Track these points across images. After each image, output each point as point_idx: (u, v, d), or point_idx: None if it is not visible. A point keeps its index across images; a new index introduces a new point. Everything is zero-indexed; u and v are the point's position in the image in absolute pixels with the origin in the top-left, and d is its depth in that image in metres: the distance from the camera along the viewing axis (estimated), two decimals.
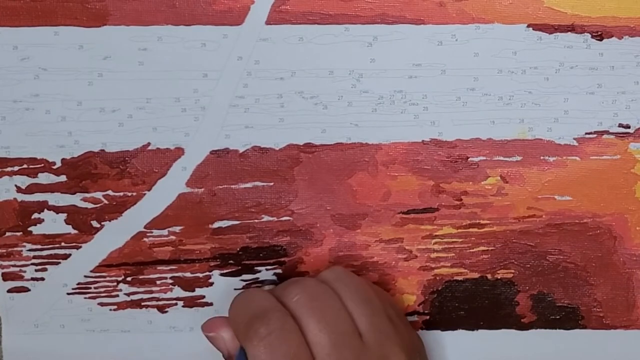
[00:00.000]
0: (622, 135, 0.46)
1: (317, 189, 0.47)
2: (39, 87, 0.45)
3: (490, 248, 0.48)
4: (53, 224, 0.46)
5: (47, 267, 0.47)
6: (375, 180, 0.47)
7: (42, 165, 0.46)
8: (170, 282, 0.48)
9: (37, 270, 0.47)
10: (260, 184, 0.47)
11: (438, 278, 0.48)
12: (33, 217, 0.46)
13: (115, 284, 0.47)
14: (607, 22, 0.45)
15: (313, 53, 0.45)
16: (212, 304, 0.48)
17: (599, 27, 0.45)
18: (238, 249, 0.47)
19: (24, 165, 0.46)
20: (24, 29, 0.44)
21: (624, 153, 0.47)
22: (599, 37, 0.45)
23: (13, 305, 0.47)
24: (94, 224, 0.47)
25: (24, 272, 0.47)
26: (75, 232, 0.47)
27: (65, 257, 0.47)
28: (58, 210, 0.46)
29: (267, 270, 0.48)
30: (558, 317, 0.49)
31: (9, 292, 0.47)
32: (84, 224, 0.46)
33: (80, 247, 0.47)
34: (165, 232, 0.47)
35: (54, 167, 0.46)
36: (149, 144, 0.46)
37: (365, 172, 0.47)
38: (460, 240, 0.48)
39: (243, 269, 0.48)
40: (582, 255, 0.48)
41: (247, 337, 0.41)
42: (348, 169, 0.47)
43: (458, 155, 0.47)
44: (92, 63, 0.45)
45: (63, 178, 0.46)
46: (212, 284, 0.48)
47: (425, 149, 0.46)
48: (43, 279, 0.47)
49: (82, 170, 0.46)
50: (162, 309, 0.48)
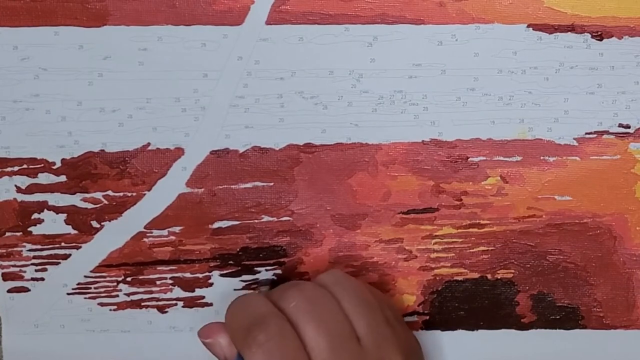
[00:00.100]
0: (622, 135, 0.46)
1: (317, 189, 0.47)
2: (39, 87, 0.45)
3: (490, 248, 0.48)
4: (53, 224, 0.46)
5: (47, 267, 0.47)
6: (375, 181, 0.47)
7: (42, 166, 0.46)
8: (170, 282, 0.48)
9: (37, 271, 0.47)
10: (260, 184, 0.47)
11: (438, 278, 0.48)
12: (33, 217, 0.46)
13: (115, 284, 0.47)
14: (607, 22, 0.45)
15: (313, 53, 0.45)
16: (212, 305, 0.48)
17: (599, 27, 0.45)
18: (238, 250, 0.47)
19: (24, 166, 0.46)
20: (24, 29, 0.44)
21: (624, 153, 0.47)
22: (599, 37, 0.45)
23: (13, 305, 0.47)
24: (94, 224, 0.46)
25: (24, 272, 0.47)
26: (75, 232, 0.47)
27: (65, 257, 0.47)
28: (58, 211, 0.46)
29: (267, 271, 0.48)
30: (558, 317, 0.48)
31: (9, 292, 0.47)
32: (84, 224, 0.46)
33: (80, 247, 0.47)
34: (165, 232, 0.47)
35: (54, 167, 0.46)
36: (149, 144, 0.46)
37: (365, 172, 0.47)
38: (460, 241, 0.48)
39: (243, 270, 0.48)
40: (582, 255, 0.48)
41: (245, 343, 0.40)
42: (348, 169, 0.47)
43: (458, 156, 0.47)
44: (92, 63, 0.45)
45: (63, 178, 0.46)
46: (212, 285, 0.48)
47: (425, 149, 0.46)
48: (43, 279, 0.47)
49: (82, 171, 0.46)
50: (162, 309, 0.48)
